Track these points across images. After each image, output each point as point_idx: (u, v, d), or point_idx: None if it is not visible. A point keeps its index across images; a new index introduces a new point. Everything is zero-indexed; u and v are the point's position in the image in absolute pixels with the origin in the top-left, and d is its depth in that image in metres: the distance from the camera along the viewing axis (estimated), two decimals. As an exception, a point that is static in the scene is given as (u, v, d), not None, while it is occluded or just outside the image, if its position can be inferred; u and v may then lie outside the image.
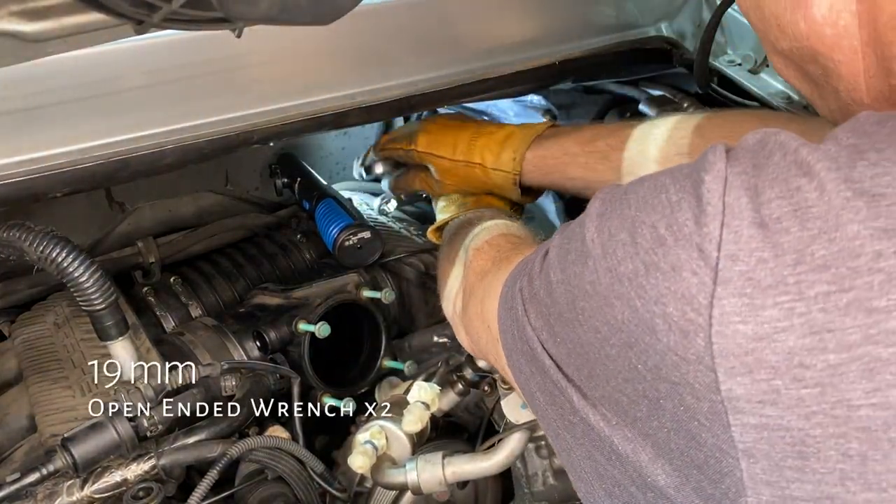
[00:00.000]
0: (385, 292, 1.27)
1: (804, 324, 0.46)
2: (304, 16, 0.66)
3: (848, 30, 0.56)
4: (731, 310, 0.47)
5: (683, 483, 0.52)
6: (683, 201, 0.51)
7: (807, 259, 0.46)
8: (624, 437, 0.55)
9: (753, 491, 0.48)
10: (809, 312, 0.46)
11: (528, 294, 0.63)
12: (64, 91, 1.00)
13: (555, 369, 0.60)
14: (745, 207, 0.48)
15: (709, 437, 0.49)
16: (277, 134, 1.13)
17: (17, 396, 1.13)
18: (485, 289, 0.83)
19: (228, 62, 1.09)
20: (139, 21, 0.63)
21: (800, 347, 0.46)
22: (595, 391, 0.57)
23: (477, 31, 1.30)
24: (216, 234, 1.47)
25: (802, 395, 0.46)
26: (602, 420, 0.57)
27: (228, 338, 1.21)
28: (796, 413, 0.46)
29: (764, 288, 0.47)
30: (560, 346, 0.59)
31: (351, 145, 1.71)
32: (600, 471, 0.59)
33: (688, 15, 1.40)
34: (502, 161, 1.22)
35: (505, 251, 0.91)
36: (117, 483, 0.95)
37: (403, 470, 1.01)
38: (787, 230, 0.47)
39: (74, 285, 0.98)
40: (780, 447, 0.47)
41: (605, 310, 0.53)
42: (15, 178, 0.98)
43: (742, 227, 0.48)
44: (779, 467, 0.47)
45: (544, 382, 0.62)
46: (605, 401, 0.56)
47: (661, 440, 0.53)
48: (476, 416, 1.23)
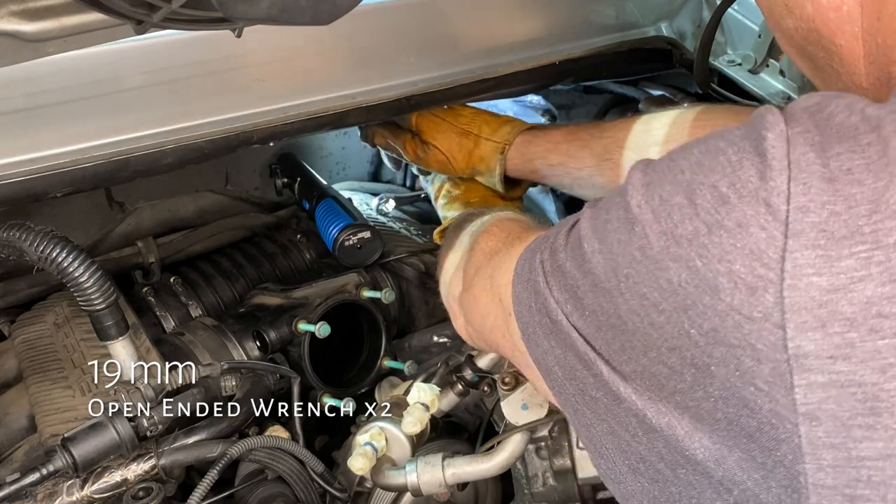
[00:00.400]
0: (385, 292, 1.27)
1: (883, 272, 0.45)
2: (304, 16, 0.66)
3: (851, 15, 0.56)
4: (805, 262, 0.46)
5: (727, 455, 0.51)
6: (745, 160, 0.49)
7: (882, 208, 0.45)
8: (658, 410, 0.54)
9: (812, 456, 0.47)
10: (889, 260, 0.45)
11: (550, 267, 0.62)
12: (64, 91, 1.00)
13: (581, 342, 0.58)
14: (813, 162, 0.47)
15: (765, 402, 0.48)
16: (277, 134, 1.13)
17: (17, 396, 1.14)
18: (495, 265, 0.81)
19: (228, 62, 1.09)
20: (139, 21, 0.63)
21: (879, 296, 0.45)
22: (627, 364, 0.55)
23: (477, 31, 1.30)
24: (216, 234, 1.47)
25: (879, 346, 0.45)
26: (634, 393, 0.55)
27: (228, 338, 1.21)
28: (871, 366, 0.45)
29: (838, 239, 0.46)
30: (589, 318, 0.58)
31: (351, 145, 1.71)
32: (623, 447, 0.58)
33: (688, 15, 1.40)
34: (499, 133, 1.26)
35: (516, 231, 0.90)
36: (117, 483, 0.95)
37: (403, 471, 1.01)
38: (861, 181, 0.46)
39: (74, 285, 0.98)
40: (850, 405, 0.46)
41: (656, 274, 0.52)
42: (15, 178, 0.98)
43: (811, 180, 0.47)
44: (846, 427, 0.46)
45: (565, 356, 0.61)
46: (638, 374, 0.55)
47: (703, 411, 0.51)
48: (476, 416, 1.23)
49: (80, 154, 1.01)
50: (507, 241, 0.86)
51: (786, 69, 1.26)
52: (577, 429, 0.64)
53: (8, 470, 1.00)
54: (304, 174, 1.49)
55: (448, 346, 1.32)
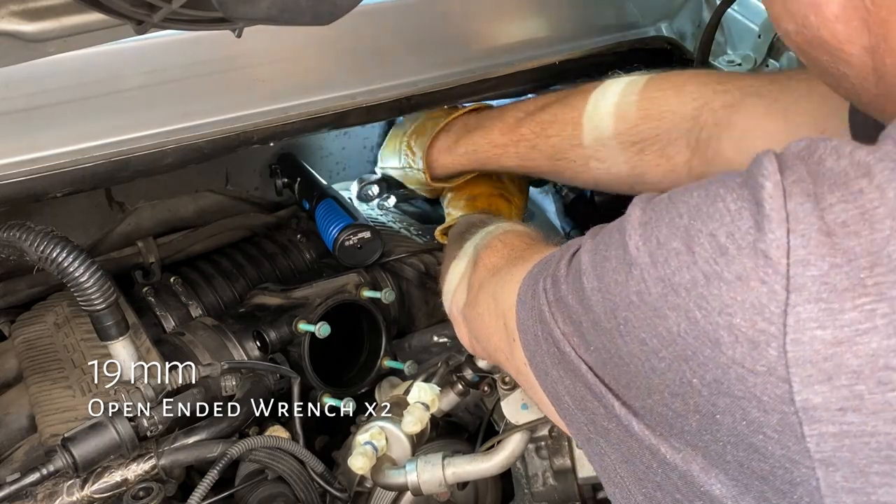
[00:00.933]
0: (385, 292, 1.27)
1: (888, 324, 0.44)
2: (304, 16, 0.66)
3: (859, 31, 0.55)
4: (808, 316, 0.46)
5: (743, 493, 0.50)
6: (744, 210, 0.49)
7: (883, 261, 0.45)
8: (672, 447, 0.53)
9: (833, 500, 0.47)
10: (894, 313, 0.44)
11: (553, 297, 0.61)
12: (64, 91, 1.00)
13: (591, 375, 0.58)
14: (810, 213, 0.47)
15: (776, 448, 0.48)
16: (277, 134, 1.13)
17: (17, 396, 1.13)
18: (497, 284, 0.81)
19: (228, 62, 1.10)
20: (139, 21, 0.63)
21: (885, 349, 0.44)
22: (636, 401, 0.55)
23: (477, 31, 1.30)
24: (216, 234, 1.47)
25: (889, 398, 0.44)
26: (647, 429, 0.55)
27: (228, 338, 1.21)
28: (882, 418, 0.45)
29: (841, 291, 0.45)
30: (594, 353, 0.57)
31: (351, 145, 1.71)
32: (640, 475, 0.57)
33: (688, 15, 1.41)
34: (416, 159, 1.27)
35: (519, 249, 0.90)
36: (117, 483, 0.95)
37: (403, 471, 1.01)
38: (857, 233, 0.45)
39: (75, 285, 0.98)
40: (865, 453, 0.45)
41: (655, 321, 0.51)
42: (15, 178, 0.98)
43: (810, 232, 0.46)
44: (864, 473, 0.46)
45: (575, 386, 0.60)
46: (647, 411, 0.54)
47: (714, 452, 0.51)
48: (476, 415, 1.23)
49: (80, 154, 1.01)
50: (511, 259, 0.86)
51: (786, 69, 1.26)
52: (589, 457, 0.63)
53: (8, 470, 1.01)
54: (304, 174, 1.49)
55: (448, 346, 1.32)
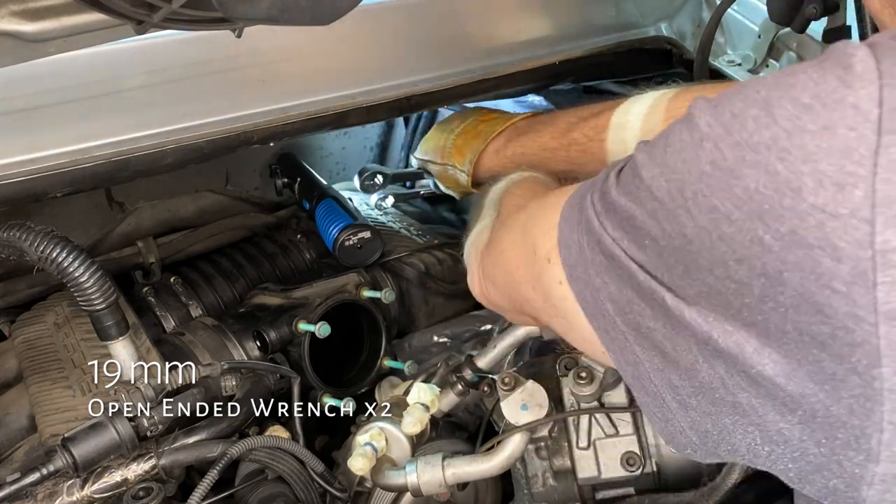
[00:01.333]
0: (385, 292, 1.27)
1: None
2: (304, 16, 0.66)
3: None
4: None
5: (796, 368, 0.50)
6: (829, 73, 0.48)
7: None
8: (724, 331, 0.53)
9: (891, 359, 0.46)
10: None
11: (601, 208, 0.61)
12: (64, 91, 1.00)
13: (642, 273, 0.57)
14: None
15: (842, 304, 0.47)
16: (277, 134, 1.13)
17: (17, 396, 1.14)
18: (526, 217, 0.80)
19: (228, 62, 1.10)
20: (139, 21, 0.63)
21: None
22: (691, 287, 0.54)
23: (477, 31, 1.30)
24: (216, 234, 1.47)
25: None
26: (699, 317, 0.54)
27: (228, 338, 1.21)
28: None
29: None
30: (649, 248, 0.57)
31: (351, 145, 1.71)
32: (675, 381, 0.58)
33: (688, 15, 1.41)
34: (463, 160, 1.23)
35: (541, 190, 0.89)
36: (117, 483, 0.95)
37: (403, 472, 1.01)
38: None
39: (75, 285, 0.98)
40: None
41: (730, 182, 0.50)
42: (15, 178, 0.98)
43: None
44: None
45: (621, 291, 0.60)
46: (703, 296, 0.54)
47: (772, 324, 0.51)
48: (476, 415, 1.23)
49: (80, 154, 1.01)
50: (535, 197, 0.86)
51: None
52: (622, 370, 0.63)
53: (8, 470, 1.01)
54: (304, 174, 1.49)
55: (448, 346, 1.32)
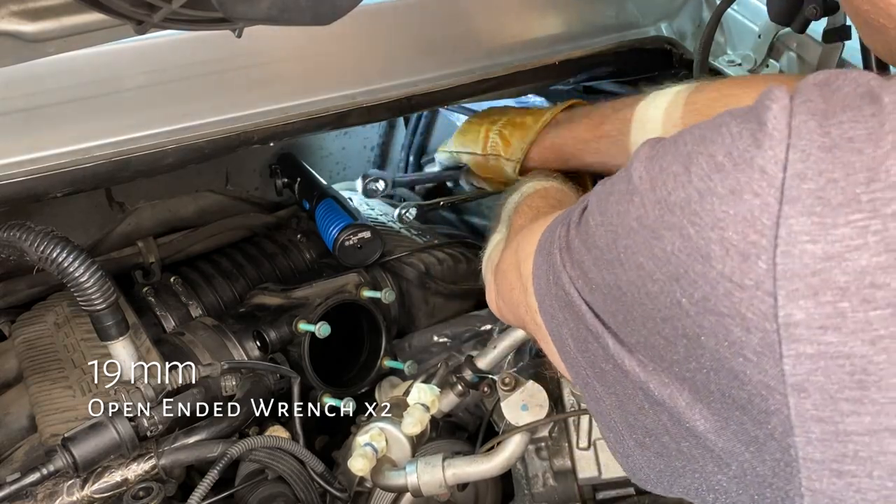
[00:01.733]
0: (385, 292, 1.27)
1: (879, 241, 0.44)
2: (304, 16, 0.66)
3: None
4: (800, 229, 0.45)
5: (724, 427, 0.51)
6: (745, 131, 0.49)
7: (881, 177, 0.44)
8: (660, 381, 0.54)
9: (801, 429, 0.46)
10: (886, 230, 0.44)
11: (564, 243, 0.62)
12: (64, 91, 1.00)
13: (591, 315, 0.58)
14: (814, 130, 0.46)
15: (754, 373, 0.47)
16: (277, 134, 1.13)
17: (17, 396, 1.14)
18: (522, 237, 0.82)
19: (228, 62, 1.09)
20: (139, 21, 0.63)
21: (873, 266, 0.44)
22: (631, 336, 0.55)
23: (477, 31, 1.30)
24: (216, 234, 1.47)
25: (870, 317, 0.44)
26: (638, 365, 0.55)
27: (228, 338, 1.21)
28: (861, 338, 0.44)
29: (835, 206, 0.45)
30: (596, 292, 0.58)
31: (351, 145, 1.71)
32: (631, 420, 0.58)
33: (688, 15, 1.40)
34: (512, 150, 1.24)
35: (543, 210, 0.92)
36: (117, 483, 0.95)
37: (403, 472, 1.01)
38: (861, 150, 0.45)
39: (75, 285, 0.98)
40: (838, 377, 0.45)
41: (651, 243, 0.52)
42: (15, 178, 0.98)
43: (811, 148, 0.46)
44: (833, 400, 0.45)
45: (577, 329, 0.61)
46: (641, 346, 0.55)
47: (699, 383, 0.51)
48: (476, 416, 1.23)
49: (80, 154, 1.01)
50: (537, 217, 0.88)
51: (785, 69, 1.26)
52: (587, 402, 0.64)
53: (8, 470, 1.01)
54: (304, 174, 1.49)
55: (448, 346, 1.32)
